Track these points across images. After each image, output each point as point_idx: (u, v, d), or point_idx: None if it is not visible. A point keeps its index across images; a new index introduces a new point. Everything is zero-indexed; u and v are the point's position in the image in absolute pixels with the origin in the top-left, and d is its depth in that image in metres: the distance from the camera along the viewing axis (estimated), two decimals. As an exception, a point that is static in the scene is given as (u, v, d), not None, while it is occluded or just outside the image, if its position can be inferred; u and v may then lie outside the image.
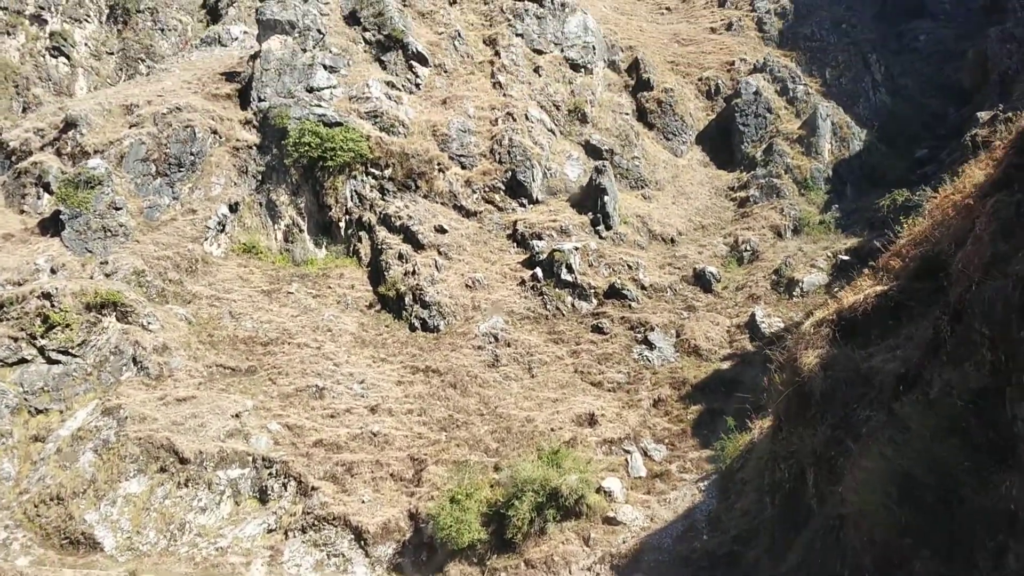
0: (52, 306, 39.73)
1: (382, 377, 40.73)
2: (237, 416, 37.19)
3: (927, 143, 56.90)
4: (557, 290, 45.09)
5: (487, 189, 52.61)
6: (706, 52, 67.03)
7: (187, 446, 34.85)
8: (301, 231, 53.50)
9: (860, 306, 12.06)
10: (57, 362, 39.19)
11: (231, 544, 32.65)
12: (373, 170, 53.27)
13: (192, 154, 53.30)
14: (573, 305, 44.60)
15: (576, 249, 46.23)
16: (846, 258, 43.80)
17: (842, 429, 10.31)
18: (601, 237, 48.46)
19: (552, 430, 35.72)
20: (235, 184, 53.68)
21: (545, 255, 46.40)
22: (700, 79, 63.71)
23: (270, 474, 35.16)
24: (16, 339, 39.28)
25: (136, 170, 52.25)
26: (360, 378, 40.54)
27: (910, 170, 53.37)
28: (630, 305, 43.59)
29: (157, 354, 39.75)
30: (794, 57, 63.74)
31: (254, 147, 54.96)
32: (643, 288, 44.66)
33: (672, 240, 50.11)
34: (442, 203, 52.07)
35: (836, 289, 39.98)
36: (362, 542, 32.21)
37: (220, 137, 55.09)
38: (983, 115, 44.68)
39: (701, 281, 45.21)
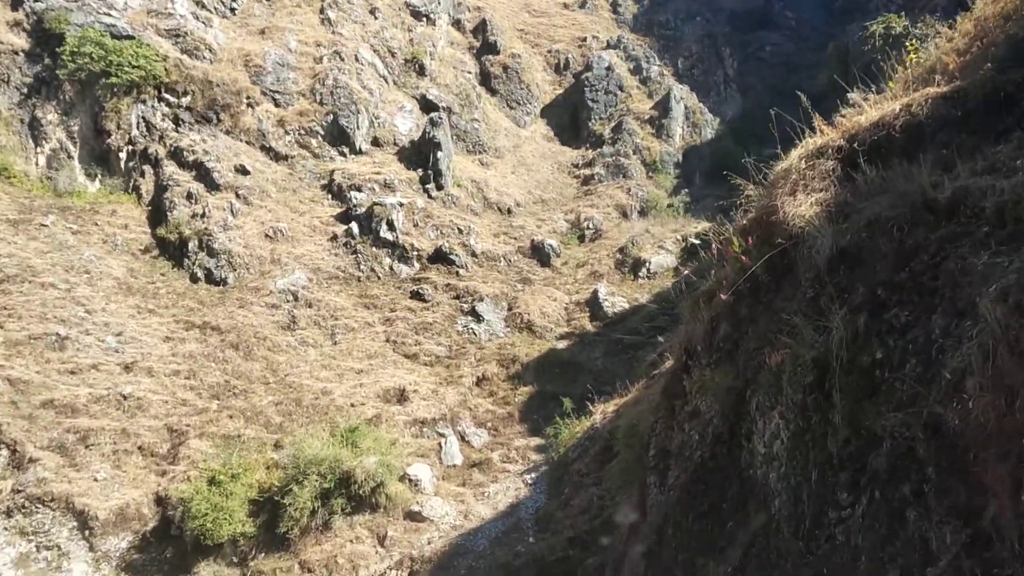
0: None
1: (146, 331, 32.73)
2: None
3: (774, 145, 54.52)
4: (374, 249, 38.52)
5: (303, 132, 45.35)
6: (558, 26, 62.45)
7: None
8: (70, 158, 44.23)
9: (898, 119, 6.49)
10: None
11: (-102, 529, 24.00)
12: (168, 96, 44.85)
13: (-65, 49, 42.95)
14: (392, 268, 38.15)
15: (401, 205, 39.85)
16: (696, 241, 39.64)
17: (903, 306, 4.60)
18: (431, 197, 42.29)
19: (353, 405, 29.16)
20: (-10, 93, 43.73)
21: (364, 209, 39.77)
22: (550, 51, 58.95)
23: (-29, 440, 26.57)
24: None
25: None
26: (117, 330, 32.38)
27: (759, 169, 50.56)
28: (458, 272, 37.65)
29: None
30: (648, 43, 60.17)
31: (21, 53, 45.19)
32: (474, 255, 38.84)
33: (509, 210, 44.61)
34: (247, 142, 44.37)
35: (685, 272, 35.72)
36: (87, 531, 24.40)
37: (-23, 36, 44.98)
38: (854, 96, 41.71)
39: (539, 254, 39.91)
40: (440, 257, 38.44)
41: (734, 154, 50.80)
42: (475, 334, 34.06)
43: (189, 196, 40.44)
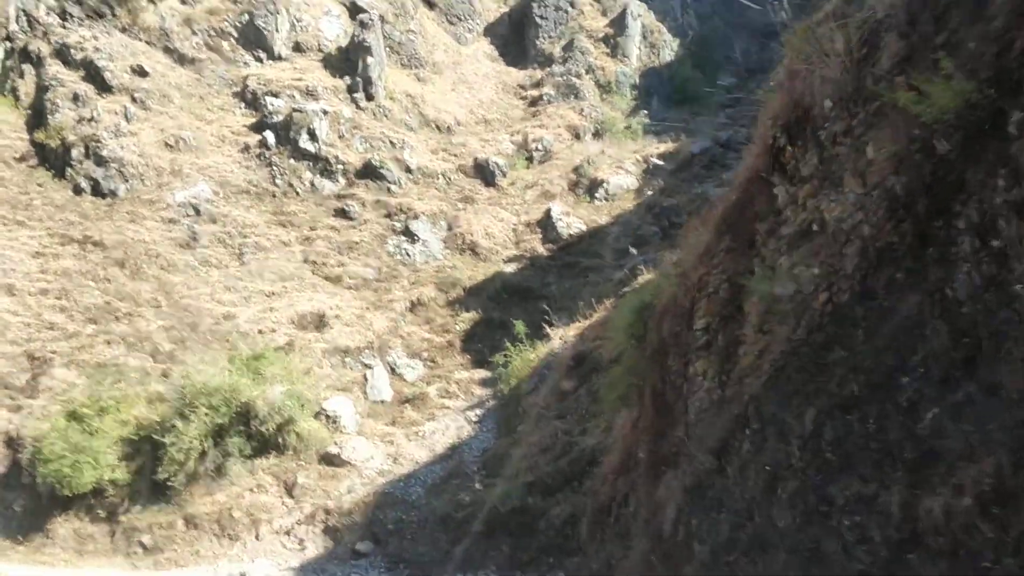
0: None
1: (12, 244, 27.18)
2: None
3: (732, 75, 51.02)
4: (292, 162, 33.34)
5: (213, 33, 39.52)
6: (502, -61, 56.99)
7: None
8: (-65, 54, 37.80)
9: None
10: None
11: None
12: (54, -13, 38.55)
13: None
14: (313, 184, 33.05)
15: (325, 113, 34.64)
16: (659, 162, 35.52)
17: None
18: (359, 107, 37.09)
19: (261, 332, 24.33)
20: None
21: (281, 117, 34.43)
22: (494, -35, 53.56)
23: None
24: None
25: None
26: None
27: (716, 95, 46.80)
28: (389, 188, 32.77)
29: None
30: (600, -39, 55.24)
31: None
32: (408, 171, 33.96)
33: (449, 128, 39.64)
34: (148, 42, 38.39)
35: (649, 192, 31.71)
36: (-90, 481, 19.22)
37: None
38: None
39: (483, 173, 35.22)
40: (369, 172, 33.45)
41: (694, 80, 46.96)
42: (408, 255, 29.32)
43: (75, 98, 34.58)
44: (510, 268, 28.54)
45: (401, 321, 25.57)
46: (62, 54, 36.49)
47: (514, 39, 50.98)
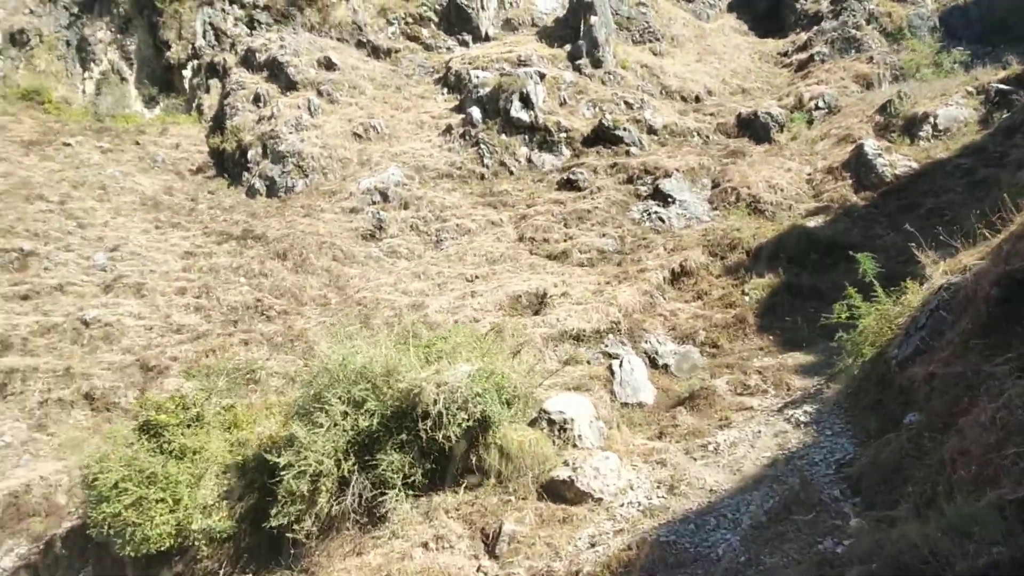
0: None
1: (160, 246, 21.60)
2: None
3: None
4: (504, 137, 26.17)
5: (411, 21, 33.92)
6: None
7: None
8: (124, 80, 34.72)
9: None
10: None
11: None
12: (241, -4, 34.63)
13: (-38, -41, 34.59)
14: (530, 159, 25.67)
15: (541, 76, 27.31)
16: (1005, 87, 25.08)
17: None
18: (583, 74, 29.49)
19: (456, 322, 16.48)
20: (31, 12, 34.97)
21: (488, 89, 27.45)
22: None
23: None
24: None
25: None
26: (114, 244, 21.44)
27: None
28: (628, 151, 24.62)
29: None
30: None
31: (71, -34, 36.52)
32: (651, 132, 25.77)
33: (697, 98, 31.16)
34: (339, 38, 33.35)
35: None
36: (-52, 539, 12.77)
37: (20, -50, 36.59)
38: None
39: (751, 128, 26.33)
40: (602, 137, 25.58)
41: (1017, 11, 35.86)
42: (662, 220, 20.84)
43: (256, 99, 29.69)
44: (813, 222, 19.25)
45: (658, 296, 16.93)
46: (247, 60, 32.00)
47: (764, 11, 42.38)
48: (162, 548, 11.09)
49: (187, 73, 34.30)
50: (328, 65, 30.84)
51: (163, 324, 17.74)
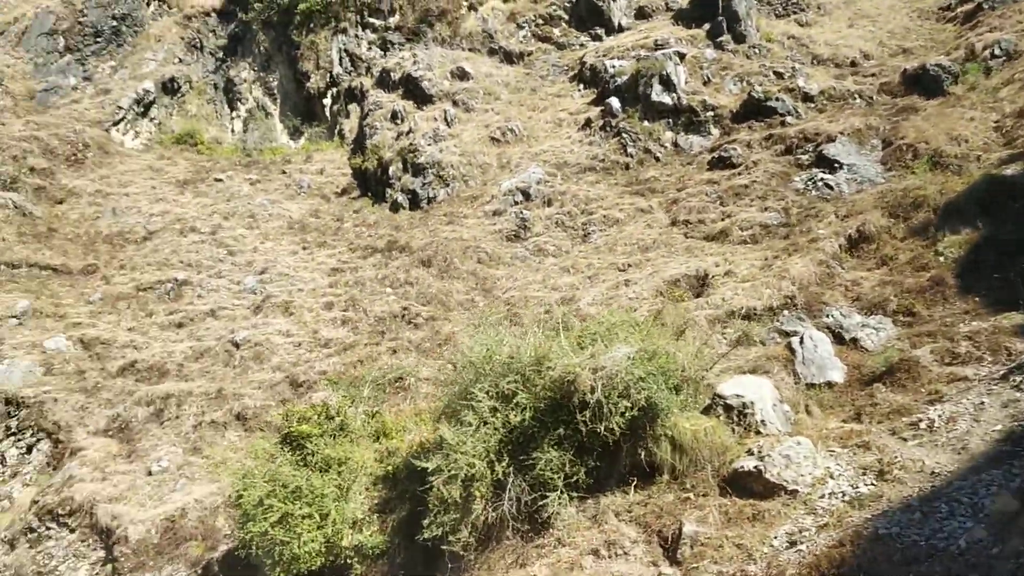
0: None
1: (307, 265, 21.47)
2: (-14, 326, 18.57)
3: None
4: (647, 123, 24.76)
5: (541, 22, 33.11)
6: None
7: None
8: (268, 116, 35.57)
9: None
10: None
11: None
12: (373, 20, 34.84)
13: (115, 19, 36.50)
14: (676, 143, 24.15)
15: (680, 57, 25.79)
16: None
17: None
18: (725, 51, 27.69)
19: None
20: (180, 61, 36.41)
21: (626, 77, 26.16)
22: None
23: (10, 430, 16.17)
24: None
25: (38, 47, 35.82)
26: (262, 267, 21.45)
27: None
28: (783, 122, 22.67)
29: (-88, 241, 21.90)
30: None
31: (213, 13, 37.90)
32: (808, 99, 23.69)
33: (853, 63, 28.66)
34: (471, 49, 32.91)
35: None
36: (112, 566, 12.54)
37: (166, 5, 38.31)
38: None
39: (919, 84, 23.77)
40: (753, 110, 23.77)
41: None
42: (829, 187, 18.84)
43: (394, 116, 29.56)
44: (1010, 170, 16.82)
45: (836, 266, 15.08)
46: (382, 80, 32.02)
47: (921, -35, 38.82)
48: (313, 568, 10.31)
49: (327, 101, 34.72)
50: (462, 75, 30.36)
51: (311, 339, 17.34)
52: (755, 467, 9.63)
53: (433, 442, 10.65)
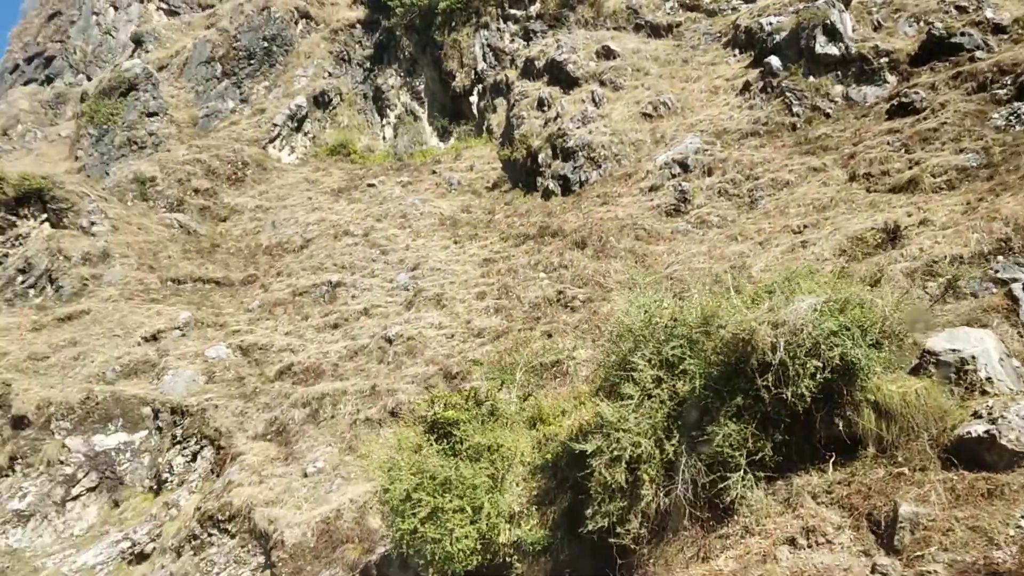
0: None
1: (459, 258, 20.86)
2: (152, 338, 18.89)
3: None
4: (811, 79, 22.74)
5: (687, -9, 31.39)
6: None
7: (30, 398, 17.03)
8: (416, 119, 35.58)
9: None
10: (-59, 293, 23.65)
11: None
12: (514, 11, 34.23)
13: (266, 40, 37.54)
14: (847, 95, 22.00)
15: (845, 3, 23.54)
16: None
17: None
18: (896, -7, 25.12)
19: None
20: (329, 75, 37.04)
21: (785, 33, 24.16)
22: None
23: (176, 439, 16.22)
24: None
25: (198, 75, 37.43)
26: (414, 264, 20.97)
27: None
28: (972, 57, 20.08)
29: (88, 264, 22.87)
30: None
31: (358, 25, 38.42)
32: (999, 31, 20.93)
33: (1053, -7, 25.29)
34: (615, 27, 31.65)
35: None
36: (268, 571, 12.05)
37: (313, 22, 39.16)
38: None
39: None
40: (934, 51, 21.24)
41: None
42: (1037, 119, 16.29)
43: (540, 104, 28.74)
44: None
45: (1057, 203, 12.77)
46: (527, 70, 31.28)
47: None
48: (469, 567, 9.29)
49: (473, 99, 34.28)
50: (607, 54, 29.09)
51: (464, 330, 16.54)
52: (986, 433, 7.87)
53: (593, 423, 9.43)
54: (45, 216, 24.69)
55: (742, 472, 8.29)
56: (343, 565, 11.80)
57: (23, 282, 22.91)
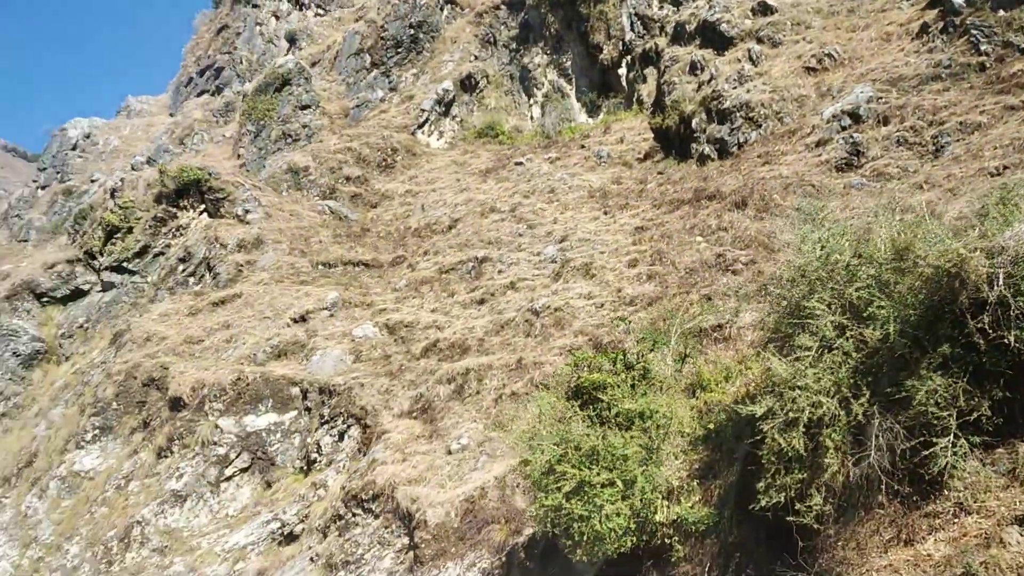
0: (115, 204, 25.34)
1: (609, 228, 19.74)
2: (301, 319, 18.76)
3: None
4: (1000, 13, 20.17)
5: (852, -66, 28.83)
6: None
7: (186, 380, 17.20)
8: (564, 96, 34.64)
9: None
10: (111, 285, 24.55)
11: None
12: (664, -25, 32.71)
13: (412, 27, 37.57)
14: (1045, 27, 19.24)
15: (1038, -76, 20.75)
16: None
17: None
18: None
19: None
20: (475, 58, 36.66)
21: (967, -35, 21.58)
22: None
23: (324, 418, 15.93)
24: (74, 261, 25.47)
25: (348, 67, 37.98)
26: (562, 236, 19.97)
27: None
28: None
29: (242, 251, 23.15)
30: None
31: (503, 7, 37.86)
32: None
33: None
34: (772, -18, 29.40)
35: None
36: (412, 553, 11.35)
37: (458, 7, 38.93)
38: None
39: None
40: None
41: None
42: None
43: (692, 68, 27.23)
44: None
45: None
46: (676, 35, 29.82)
47: None
48: (622, 549, 8.14)
49: (622, 71, 32.97)
50: (764, 10, 27.11)
51: (614, 299, 15.38)
52: None
53: (763, 384, 8.09)
54: (203, 207, 25.25)
55: (952, 437, 6.76)
56: (488, 547, 10.91)
57: (183, 271, 23.46)
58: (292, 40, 42.26)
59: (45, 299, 24.83)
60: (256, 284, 20.87)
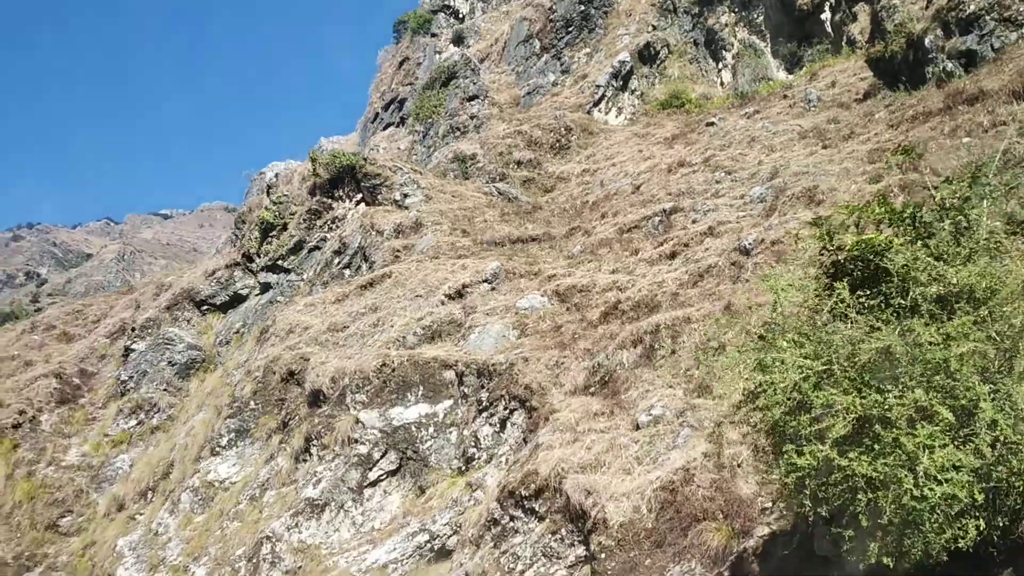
0: (269, 201, 23.65)
1: (833, 158, 15.59)
2: (457, 295, 15.79)
3: None
4: None
5: None
6: None
7: (326, 371, 14.64)
8: (758, 53, 30.53)
9: None
10: (267, 286, 22.71)
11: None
12: (865, -99, 28.01)
13: (583, 4, 34.63)
14: None
15: None
16: None
17: None
18: None
19: None
20: (653, 28, 33.25)
21: None
22: None
23: (482, 404, 12.77)
24: (232, 266, 23.97)
25: (517, 56, 35.61)
26: (770, 174, 15.95)
27: None
28: None
29: (400, 236, 20.60)
30: None
31: (682, -29, 34.27)
32: None
33: None
34: None
35: None
36: (590, 564, 7.74)
37: (632, -23, 35.76)
38: None
39: None
40: None
41: None
42: None
43: (913, -17, 22.49)
44: None
45: None
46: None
47: None
48: (959, 542, 4.24)
49: (824, 16, 28.42)
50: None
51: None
52: None
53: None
54: (359, 196, 23.06)
55: None
56: (701, 555, 7.21)
57: (338, 263, 21.26)
58: (459, 39, 40.35)
59: (205, 307, 23.40)
60: (408, 263, 18.15)
